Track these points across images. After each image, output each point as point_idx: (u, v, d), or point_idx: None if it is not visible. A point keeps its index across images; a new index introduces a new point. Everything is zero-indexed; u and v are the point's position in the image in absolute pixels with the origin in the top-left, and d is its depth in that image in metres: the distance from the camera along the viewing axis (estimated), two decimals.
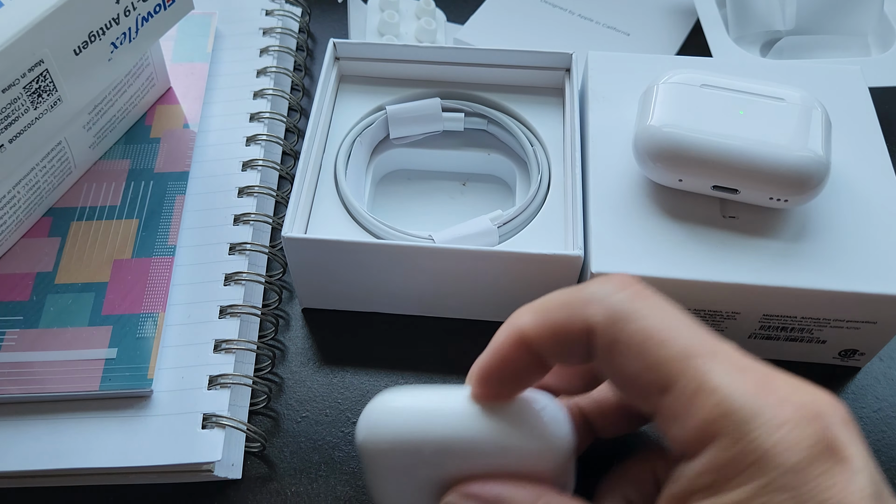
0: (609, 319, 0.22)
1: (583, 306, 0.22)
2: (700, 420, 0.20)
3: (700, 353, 0.21)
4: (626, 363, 0.21)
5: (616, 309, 0.22)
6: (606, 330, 0.22)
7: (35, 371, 0.35)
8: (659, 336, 0.21)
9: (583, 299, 0.23)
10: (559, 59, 0.44)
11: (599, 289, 0.23)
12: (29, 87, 0.34)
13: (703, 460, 0.20)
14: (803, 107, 0.36)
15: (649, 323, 0.21)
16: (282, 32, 0.51)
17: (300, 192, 0.39)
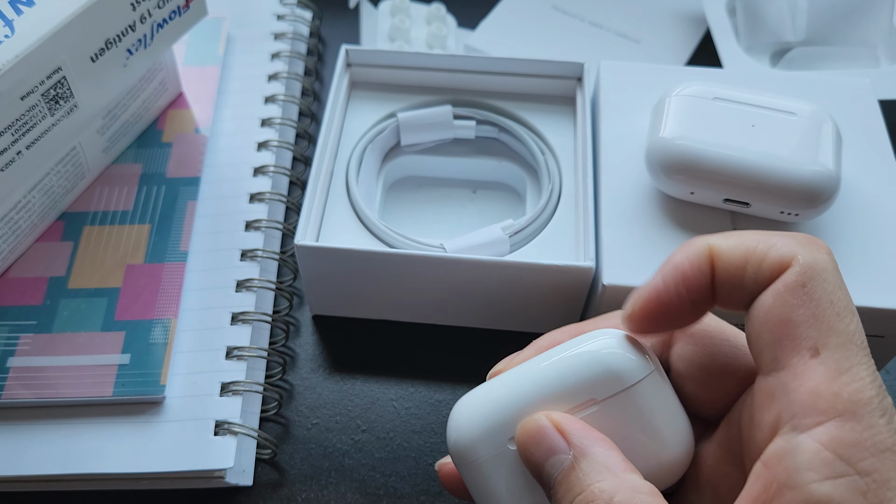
0: (808, 265, 0.21)
1: (789, 243, 0.22)
2: (831, 395, 0.20)
3: (857, 344, 0.21)
4: (797, 310, 0.21)
5: (818, 262, 0.21)
6: (801, 272, 0.21)
7: (48, 376, 0.36)
8: (840, 307, 0.21)
9: (791, 238, 0.22)
10: (571, 69, 0.44)
11: (804, 237, 0.22)
12: (47, 94, 0.34)
13: (825, 432, 0.19)
14: (814, 121, 0.36)
15: (838, 291, 0.21)
16: (293, 37, 0.51)
17: (312, 199, 0.39)
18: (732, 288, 0.23)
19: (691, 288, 0.23)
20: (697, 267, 0.23)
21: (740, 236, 0.23)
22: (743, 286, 0.22)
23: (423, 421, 0.38)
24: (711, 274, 0.23)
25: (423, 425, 0.38)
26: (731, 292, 0.23)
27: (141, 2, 0.37)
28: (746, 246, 0.22)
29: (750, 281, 0.22)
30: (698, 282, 0.23)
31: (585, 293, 0.37)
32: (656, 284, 0.23)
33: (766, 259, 0.22)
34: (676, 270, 0.23)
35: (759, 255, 0.22)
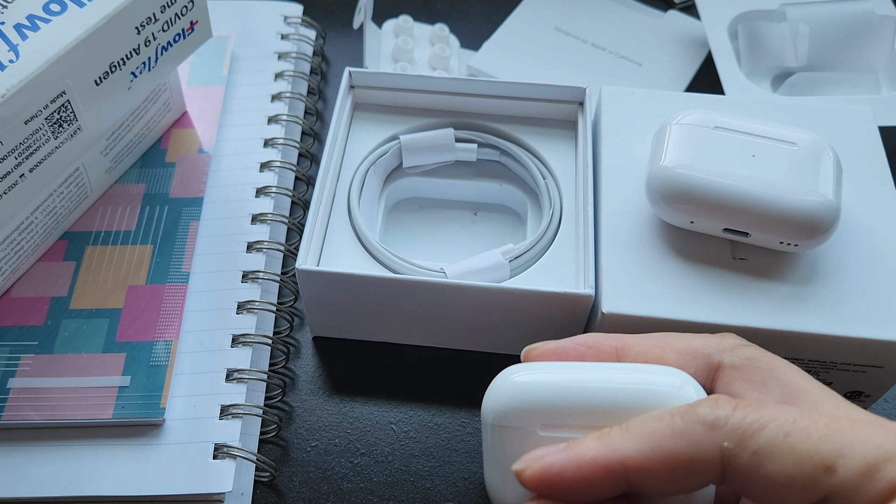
0: (741, 438, 0.21)
1: (707, 432, 0.21)
2: (888, 482, 0.19)
3: (859, 421, 0.20)
4: (777, 469, 0.20)
5: (746, 424, 0.21)
6: (740, 451, 0.21)
7: (49, 397, 0.36)
8: (799, 432, 0.20)
9: (702, 421, 0.21)
10: (573, 93, 0.44)
11: (704, 410, 0.21)
12: (50, 117, 0.34)
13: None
14: (814, 151, 0.36)
15: (783, 417, 0.21)
16: (297, 57, 0.51)
17: (314, 222, 0.39)
18: (665, 490, 0.22)
19: (594, 490, 0.23)
20: (602, 481, 0.22)
21: (655, 441, 0.21)
22: (679, 490, 0.22)
23: (421, 445, 0.38)
24: (621, 484, 0.22)
25: (421, 449, 0.38)
26: (666, 492, 0.22)
27: (145, 25, 0.37)
28: (668, 456, 0.21)
29: (687, 487, 0.22)
30: (603, 488, 0.22)
31: (584, 320, 0.37)
32: (563, 470, 0.23)
33: (696, 466, 0.21)
34: (578, 473, 0.23)
35: (687, 466, 0.21)
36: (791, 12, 0.50)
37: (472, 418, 0.39)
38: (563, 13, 0.55)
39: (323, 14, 0.57)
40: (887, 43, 0.49)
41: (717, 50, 0.50)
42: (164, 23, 0.38)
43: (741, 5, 0.52)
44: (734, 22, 0.52)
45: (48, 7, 0.34)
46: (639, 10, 0.56)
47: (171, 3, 0.38)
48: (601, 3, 0.57)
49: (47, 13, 0.34)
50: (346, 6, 0.58)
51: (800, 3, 0.51)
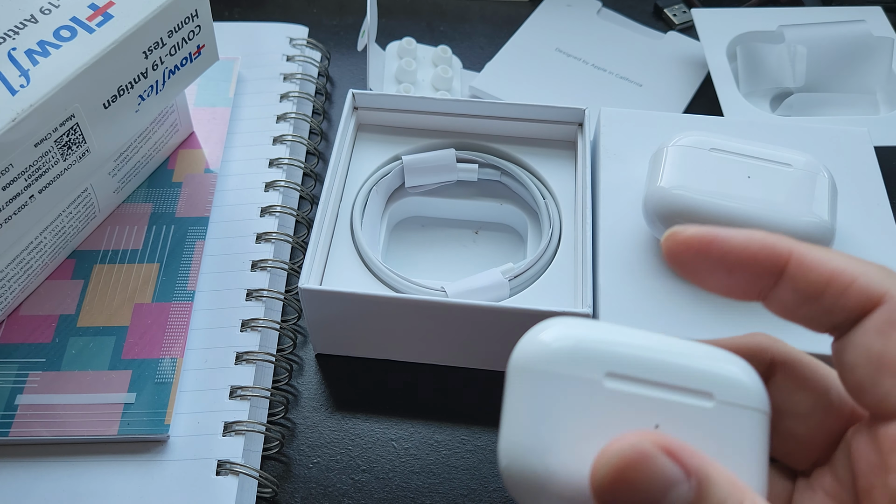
0: None
1: (882, 275, 0.21)
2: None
3: None
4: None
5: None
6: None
7: (56, 413, 0.36)
8: None
9: (883, 270, 0.21)
10: (572, 114, 0.45)
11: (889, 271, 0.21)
12: (60, 140, 0.35)
13: None
14: (809, 172, 0.36)
15: None
16: (302, 78, 0.52)
17: (317, 241, 0.40)
18: (803, 300, 0.21)
19: (756, 263, 0.21)
20: (773, 252, 0.21)
21: (827, 253, 0.21)
22: (820, 304, 0.21)
23: (422, 462, 0.39)
24: (781, 269, 0.21)
25: (422, 466, 0.39)
26: (800, 303, 0.21)
27: (153, 50, 0.38)
28: (834, 264, 0.21)
29: (829, 303, 0.21)
30: (766, 263, 0.21)
31: None
32: (724, 232, 0.21)
33: (851, 287, 0.20)
34: (752, 238, 0.21)
35: (845, 280, 0.20)
36: (789, 34, 0.51)
37: (471, 435, 0.40)
38: (565, 35, 0.56)
39: (328, 36, 0.58)
40: (884, 64, 0.50)
41: (715, 71, 0.51)
42: (172, 47, 0.39)
43: (740, 27, 0.53)
44: (733, 43, 0.52)
45: (58, 33, 0.35)
46: (639, 32, 0.57)
47: (179, 27, 0.39)
48: (602, 24, 0.58)
49: (58, 39, 0.35)
50: (351, 28, 0.59)
51: (797, 25, 0.51)
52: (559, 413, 0.19)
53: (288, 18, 0.57)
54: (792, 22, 0.52)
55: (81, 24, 0.36)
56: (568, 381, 0.19)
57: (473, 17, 0.60)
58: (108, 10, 0.36)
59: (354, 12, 0.60)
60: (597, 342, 0.20)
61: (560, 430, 0.19)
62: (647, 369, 0.20)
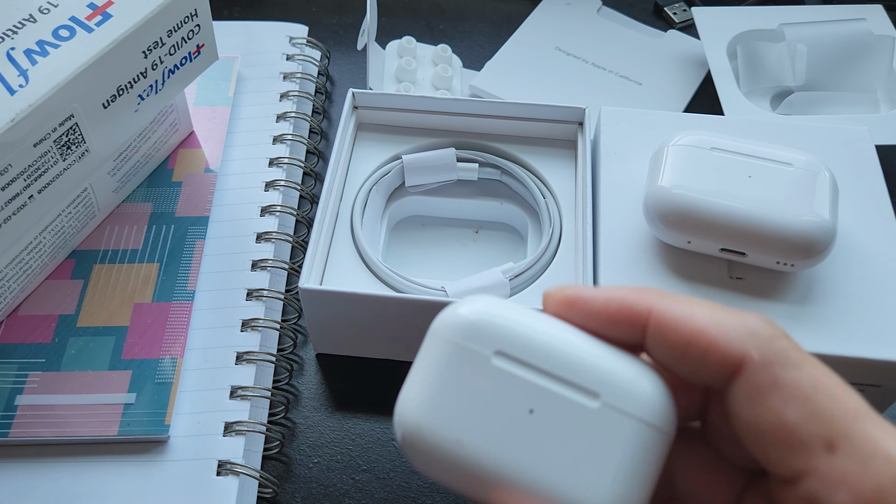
0: (768, 360, 0.20)
1: (742, 335, 0.20)
2: (874, 486, 0.18)
3: (869, 416, 0.19)
4: (785, 409, 0.19)
5: (780, 351, 0.20)
6: (764, 369, 0.19)
7: (56, 414, 0.36)
8: (829, 389, 0.19)
9: (744, 328, 0.20)
10: (572, 113, 0.45)
11: (757, 324, 0.20)
12: (59, 140, 0.35)
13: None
14: (810, 171, 0.36)
15: (818, 373, 0.19)
16: (301, 77, 0.52)
17: (317, 241, 0.40)
18: (671, 358, 0.21)
19: (616, 322, 0.21)
20: (631, 311, 0.21)
21: (689, 307, 0.21)
22: (686, 364, 0.20)
23: None
24: (643, 327, 0.21)
25: None
26: (671, 360, 0.21)
27: (153, 49, 0.38)
28: (693, 324, 0.20)
29: (694, 364, 0.20)
30: (625, 323, 0.21)
31: None
32: (587, 292, 0.22)
33: (710, 350, 0.20)
34: (611, 297, 0.21)
35: (703, 342, 0.20)
36: (789, 32, 0.51)
37: None
38: (564, 33, 0.56)
39: (328, 35, 0.58)
40: (885, 62, 0.49)
41: (716, 69, 0.51)
42: (172, 46, 0.39)
43: (740, 25, 0.53)
44: (733, 42, 0.52)
45: (57, 32, 0.35)
46: (639, 30, 0.57)
47: (178, 27, 0.39)
48: (602, 23, 0.57)
49: (56, 38, 0.35)
50: (351, 27, 0.59)
51: (798, 24, 0.51)
52: (446, 380, 0.20)
53: (287, 17, 0.57)
54: (792, 20, 0.52)
55: (80, 24, 0.36)
56: (462, 352, 0.20)
57: (473, 15, 0.60)
58: (107, 9, 0.36)
59: (354, 11, 0.60)
60: (501, 321, 0.20)
61: (442, 395, 0.20)
62: (538, 356, 0.20)
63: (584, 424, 0.20)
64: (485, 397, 0.20)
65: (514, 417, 0.20)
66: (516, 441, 0.19)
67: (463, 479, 0.20)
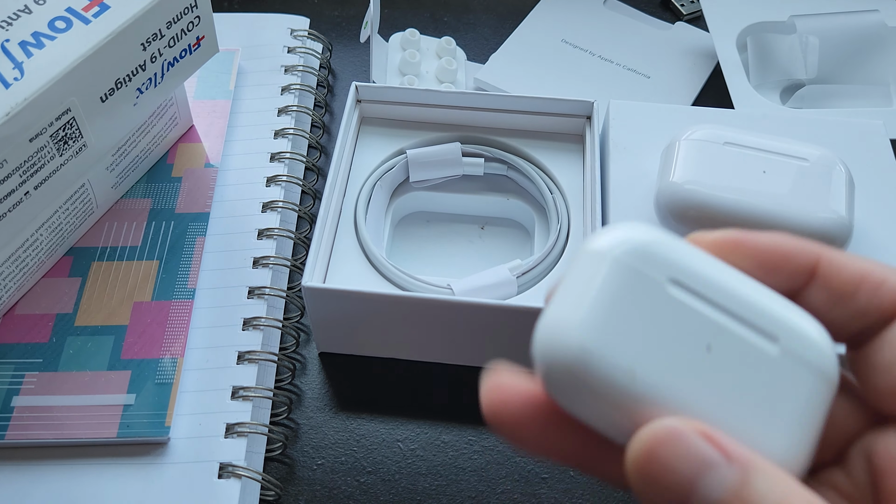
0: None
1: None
2: None
3: None
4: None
5: None
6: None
7: (53, 416, 0.36)
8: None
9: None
10: (580, 107, 0.44)
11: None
12: (55, 135, 0.34)
13: None
14: (825, 166, 0.36)
15: None
16: (303, 70, 0.51)
17: (321, 238, 0.39)
18: (835, 300, 0.20)
19: (788, 262, 0.20)
20: (804, 251, 0.20)
21: (853, 256, 0.21)
22: (852, 304, 0.20)
23: (428, 463, 0.38)
24: (813, 269, 0.20)
25: (428, 467, 0.38)
26: (831, 304, 0.20)
27: (151, 42, 0.37)
28: (863, 265, 0.20)
29: (863, 302, 0.20)
30: (798, 262, 0.20)
31: None
32: (752, 233, 0.20)
33: (883, 287, 0.19)
34: (782, 237, 0.20)
35: (875, 280, 0.20)
36: (800, 24, 0.50)
37: (478, 436, 0.39)
38: (571, 25, 0.55)
39: (330, 27, 0.57)
40: None
41: (725, 62, 0.50)
42: (171, 39, 0.38)
43: (750, 17, 0.52)
44: (743, 34, 0.51)
45: (53, 24, 0.34)
46: (646, 22, 0.56)
47: (178, 19, 0.38)
48: (608, 15, 0.56)
49: (52, 30, 0.34)
50: (353, 19, 0.58)
51: (809, 15, 0.50)
52: (615, 302, 0.17)
53: (289, 9, 0.56)
54: (803, 12, 0.51)
55: (77, 15, 0.35)
56: (633, 275, 0.18)
57: (477, 7, 0.59)
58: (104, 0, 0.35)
59: (357, 3, 0.59)
60: (674, 249, 0.18)
61: (611, 319, 0.17)
62: (715, 291, 0.18)
63: (763, 368, 0.18)
64: (659, 327, 0.18)
65: (690, 352, 0.18)
66: (693, 378, 0.17)
67: (624, 417, 0.17)
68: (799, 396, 0.18)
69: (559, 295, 0.18)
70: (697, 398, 0.17)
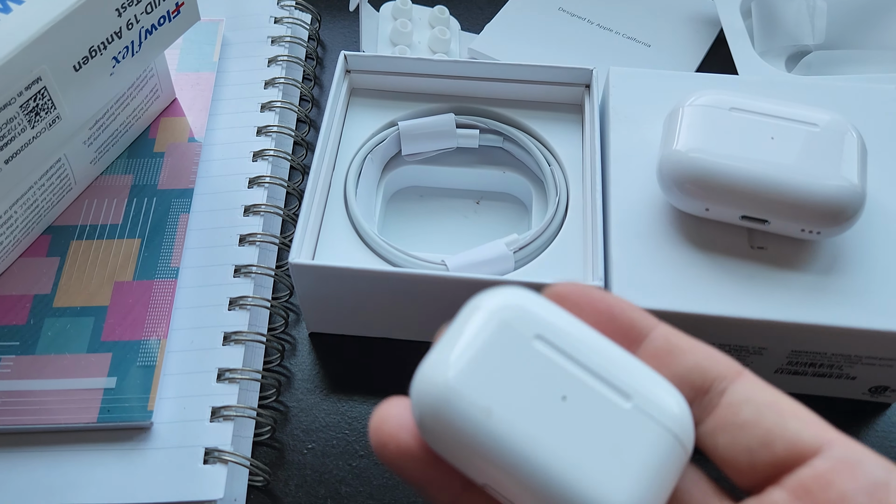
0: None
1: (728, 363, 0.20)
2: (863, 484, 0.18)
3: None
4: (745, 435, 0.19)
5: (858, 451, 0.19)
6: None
7: (31, 401, 0.34)
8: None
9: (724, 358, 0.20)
10: (579, 75, 0.42)
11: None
12: (26, 105, 0.33)
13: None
14: (837, 132, 0.34)
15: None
16: (291, 41, 0.49)
17: (308, 213, 0.37)
18: (661, 363, 0.20)
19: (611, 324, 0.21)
20: (624, 318, 0.21)
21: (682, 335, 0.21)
22: (678, 367, 0.20)
23: None
24: (638, 339, 0.21)
25: None
26: (662, 366, 0.20)
27: (127, 7, 0.35)
28: (690, 341, 0.20)
29: (690, 364, 0.20)
30: (620, 329, 0.21)
31: None
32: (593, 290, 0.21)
33: (710, 359, 0.20)
34: (612, 302, 0.21)
35: (699, 352, 0.20)
36: None
37: None
38: None
39: None
40: None
41: (729, 29, 0.48)
42: (148, 4, 0.36)
43: None
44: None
45: None
46: None
47: None
48: None
49: None
50: None
51: None
52: (483, 350, 0.19)
53: None
54: None
55: None
56: (503, 328, 0.19)
57: None
58: None
59: None
60: (541, 309, 0.20)
61: (477, 363, 0.19)
62: (575, 348, 0.19)
63: (613, 422, 0.19)
64: (520, 376, 0.19)
65: (546, 400, 0.19)
66: (545, 422, 0.18)
67: (480, 457, 0.18)
68: (649, 452, 0.19)
69: (440, 343, 0.20)
70: (548, 441, 0.18)
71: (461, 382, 0.19)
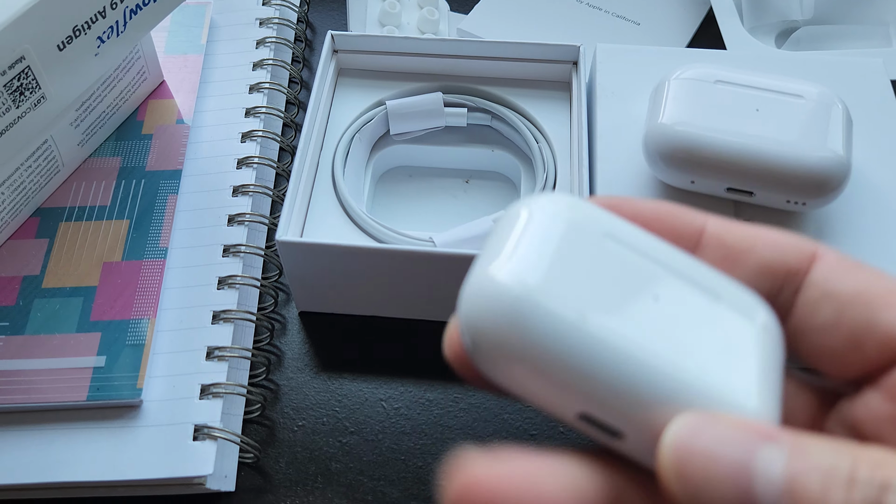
0: (840, 255, 0.17)
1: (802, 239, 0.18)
2: None
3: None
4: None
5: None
6: (840, 261, 0.17)
7: (21, 380, 0.34)
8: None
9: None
10: (566, 52, 0.42)
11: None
12: (9, 85, 0.33)
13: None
14: (822, 104, 0.34)
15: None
16: (279, 23, 0.49)
17: (296, 192, 0.37)
18: (732, 259, 0.18)
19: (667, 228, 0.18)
20: (684, 219, 0.18)
21: (738, 222, 0.18)
22: (752, 260, 0.18)
23: (412, 422, 0.37)
24: (696, 237, 0.18)
25: (412, 426, 0.37)
26: (731, 264, 0.18)
27: None
28: (751, 229, 0.18)
29: (765, 257, 0.18)
30: (680, 230, 0.18)
31: None
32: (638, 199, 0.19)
33: (780, 242, 0.18)
34: (661, 207, 0.19)
35: (770, 237, 0.18)
36: None
37: (464, 393, 0.37)
38: None
39: None
40: None
41: (718, 6, 0.48)
42: None
43: None
44: None
45: None
46: None
47: None
48: None
49: None
50: None
51: None
52: (555, 250, 0.16)
53: None
54: None
55: None
56: (570, 226, 0.17)
57: None
58: None
59: None
60: (600, 212, 0.17)
61: (553, 266, 0.16)
62: (651, 248, 0.17)
63: (712, 322, 0.17)
64: (603, 276, 0.16)
65: (639, 301, 0.16)
66: (646, 325, 0.16)
67: (577, 371, 0.15)
68: (754, 351, 0.17)
69: (490, 251, 0.16)
70: (657, 346, 0.15)
71: (541, 287, 0.15)
